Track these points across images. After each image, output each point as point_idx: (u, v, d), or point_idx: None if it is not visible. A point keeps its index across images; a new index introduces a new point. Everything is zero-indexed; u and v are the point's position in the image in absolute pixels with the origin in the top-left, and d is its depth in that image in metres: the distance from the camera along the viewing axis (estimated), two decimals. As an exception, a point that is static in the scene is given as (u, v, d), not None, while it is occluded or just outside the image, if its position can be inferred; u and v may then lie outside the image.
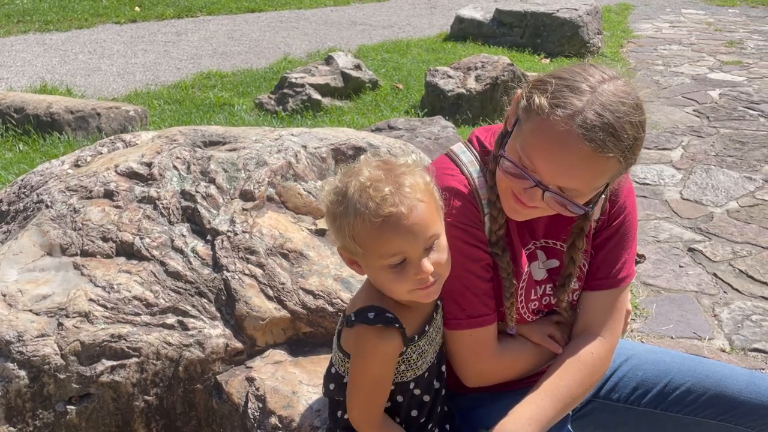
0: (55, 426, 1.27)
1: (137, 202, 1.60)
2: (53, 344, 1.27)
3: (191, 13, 8.21)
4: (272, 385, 1.37)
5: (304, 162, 1.87)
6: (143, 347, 1.33)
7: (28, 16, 7.47)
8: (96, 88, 5.29)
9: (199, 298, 1.45)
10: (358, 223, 0.98)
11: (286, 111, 4.66)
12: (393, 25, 8.19)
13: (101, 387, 1.29)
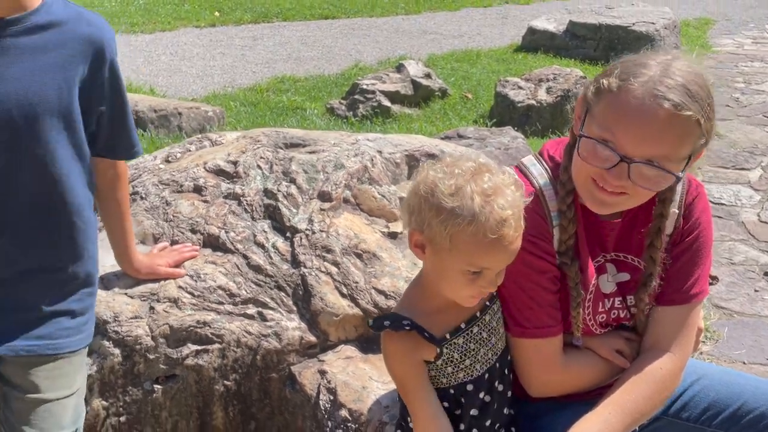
0: (142, 403, 1.36)
1: (223, 198, 1.69)
2: (145, 326, 1.37)
3: (267, 19, 8.47)
4: (343, 379, 1.42)
5: (380, 166, 1.93)
6: (225, 335, 1.41)
7: (116, 18, 7.90)
8: (177, 89, 5.55)
9: (278, 291, 1.53)
10: (468, 228, 1.00)
11: (356, 117, 4.76)
12: (463, 34, 8.21)
13: (186, 369, 1.38)
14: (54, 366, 1.19)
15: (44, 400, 1.17)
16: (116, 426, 1.35)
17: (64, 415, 1.19)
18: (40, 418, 1.16)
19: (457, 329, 1.11)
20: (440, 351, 1.09)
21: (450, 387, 1.11)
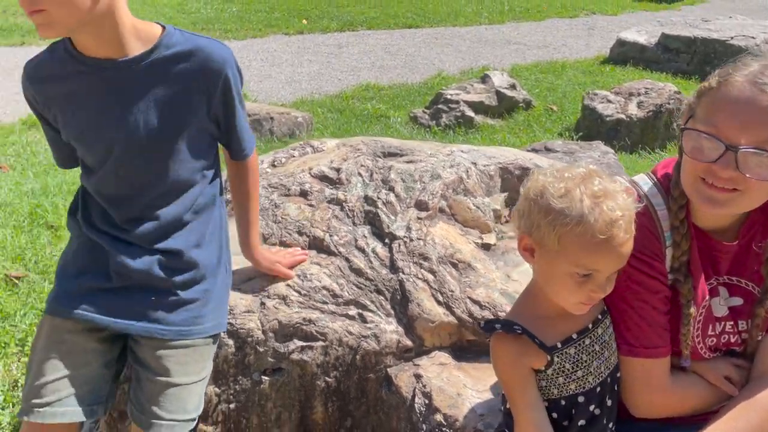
0: (250, 392, 1.45)
1: (327, 203, 1.77)
2: (256, 320, 1.46)
3: (353, 27, 8.66)
4: (438, 385, 1.47)
5: (474, 178, 1.96)
6: (329, 333, 1.48)
7: (210, 25, 8.30)
8: (267, 94, 5.77)
9: (377, 295, 1.59)
10: (577, 229, 1.02)
11: (440, 126, 4.80)
12: (548, 45, 8.10)
13: (291, 364, 1.46)
14: (184, 352, 1.29)
15: (173, 383, 1.27)
16: (226, 412, 1.45)
17: (189, 400, 1.29)
18: (168, 400, 1.27)
19: (568, 339, 1.13)
20: (551, 359, 1.11)
21: (561, 398, 1.13)
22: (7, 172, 3.78)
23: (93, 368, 1.28)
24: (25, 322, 2.34)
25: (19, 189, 3.45)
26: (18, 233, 2.98)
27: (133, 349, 1.31)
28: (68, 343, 1.26)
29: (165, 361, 1.26)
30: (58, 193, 3.39)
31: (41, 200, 3.29)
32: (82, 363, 1.27)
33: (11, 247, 2.84)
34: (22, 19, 8.05)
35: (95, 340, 1.29)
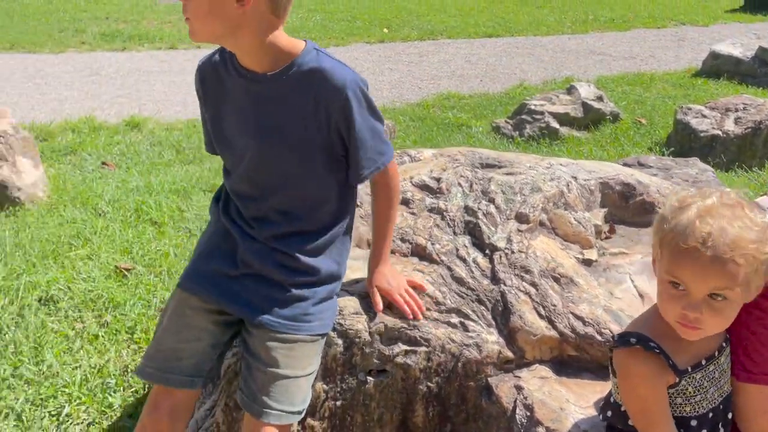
0: (356, 391, 1.51)
1: (428, 212, 1.82)
2: (364, 322, 1.51)
3: (433, 36, 8.72)
4: (540, 398, 1.47)
5: (575, 192, 1.96)
6: (432, 339, 1.52)
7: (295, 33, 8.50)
8: (350, 101, 5.90)
9: (478, 305, 1.61)
10: (670, 235, 1.07)
11: (523, 137, 4.77)
12: (635, 56, 7.88)
13: (395, 366, 1.51)
14: (293, 346, 1.37)
15: (281, 375, 1.35)
16: (332, 408, 1.51)
17: (297, 393, 1.36)
18: (277, 391, 1.34)
19: (698, 365, 1.13)
20: (678, 381, 1.11)
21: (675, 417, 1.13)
22: (114, 170, 4.04)
23: (202, 345, 1.39)
24: (134, 311, 2.50)
25: (126, 186, 3.69)
26: (125, 228, 3.19)
27: (245, 340, 1.40)
28: (188, 317, 1.38)
29: (274, 353, 1.34)
30: (161, 192, 3.60)
31: (145, 198, 3.51)
32: (194, 338, 1.38)
33: (119, 241, 3.04)
34: (123, 25, 8.57)
35: (211, 321, 1.39)
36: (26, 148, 3.52)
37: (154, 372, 1.37)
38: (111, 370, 2.20)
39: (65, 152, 4.33)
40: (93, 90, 5.96)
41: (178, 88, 6.14)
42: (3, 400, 2.04)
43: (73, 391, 2.09)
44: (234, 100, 1.35)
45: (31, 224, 3.20)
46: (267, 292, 1.38)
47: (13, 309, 2.49)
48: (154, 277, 2.75)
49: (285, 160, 1.35)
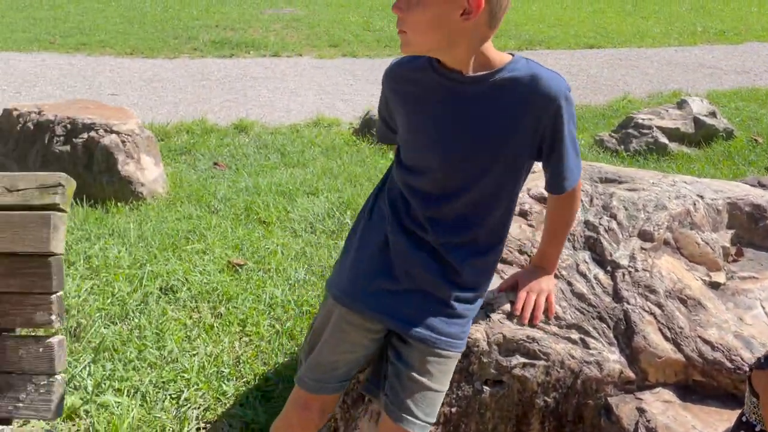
0: (471, 400, 1.51)
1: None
2: (482, 331, 1.52)
3: (531, 46, 8.59)
4: (664, 422, 1.42)
5: (702, 212, 1.88)
6: (551, 354, 1.50)
7: (394, 42, 8.67)
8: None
9: (599, 322, 1.58)
10: None
11: (628, 152, 4.61)
12: (748, 71, 7.44)
13: (512, 378, 1.50)
14: (447, 362, 1.39)
15: (433, 389, 1.38)
16: (447, 415, 1.52)
17: (435, 406, 1.39)
18: (425, 403, 1.37)
19: None
20: None
21: None
22: (224, 170, 4.26)
23: (355, 356, 1.43)
24: (246, 305, 2.63)
25: (236, 186, 3.88)
26: (236, 225, 3.35)
27: (398, 349, 1.41)
28: (346, 333, 1.42)
29: (429, 366, 1.36)
30: (268, 193, 3.76)
31: (254, 198, 3.67)
32: (349, 350, 1.42)
33: (231, 237, 3.20)
34: (231, 33, 9.01)
35: (368, 338, 1.43)
36: (149, 147, 3.78)
37: (313, 384, 1.44)
38: (225, 360, 2.32)
39: (180, 152, 4.61)
40: (204, 94, 6.31)
41: (281, 93, 6.39)
42: (129, 380, 2.19)
43: (191, 377, 2.21)
44: (433, 101, 1.32)
45: (152, 218, 3.43)
46: (430, 309, 1.38)
47: (137, 296, 2.67)
48: (263, 274, 2.88)
49: (479, 162, 1.33)
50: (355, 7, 11.68)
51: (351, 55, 8.07)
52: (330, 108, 5.90)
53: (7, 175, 1.34)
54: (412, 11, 1.20)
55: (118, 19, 9.95)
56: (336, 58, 7.93)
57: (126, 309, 2.58)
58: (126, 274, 2.83)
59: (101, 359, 2.29)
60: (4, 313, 1.32)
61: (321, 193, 3.80)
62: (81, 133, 3.61)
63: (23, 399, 1.31)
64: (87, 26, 9.35)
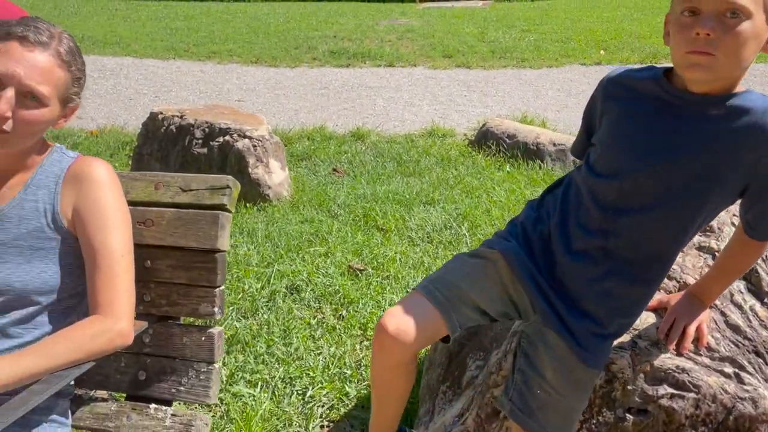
0: (612, 427, 1.46)
1: (697, 249, 1.71)
2: (628, 358, 1.47)
3: (655, 60, 8.19)
4: (832, 473, 1.31)
5: None
6: (702, 386, 1.43)
7: (508, 53, 8.59)
8: (565, 124, 5.77)
9: (755, 356, 1.48)
10: None
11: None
12: None
13: (658, 408, 1.44)
14: (586, 379, 1.38)
15: (568, 404, 1.37)
16: (585, 439, 1.49)
17: (572, 425, 1.38)
18: (558, 417, 1.36)
19: None
20: None
21: None
22: (343, 176, 4.39)
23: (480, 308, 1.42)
24: (366, 309, 2.69)
25: (354, 193, 3.98)
26: (356, 231, 3.44)
27: (529, 355, 1.40)
28: (491, 281, 1.42)
29: (566, 379, 1.34)
30: (385, 200, 3.83)
31: (372, 205, 3.76)
32: (481, 299, 1.42)
33: (351, 242, 3.29)
34: (348, 43, 9.29)
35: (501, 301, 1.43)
36: (277, 152, 3.97)
37: (441, 299, 1.39)
38: (347, 362, 2.38)
39: (301, 157, 4.80)
40: (322, 102, 6.54)
41: (396, 103, 6.50)
42: (259, 373, 2.31)
43: (316, 376, 2.30)
44: (650, 110, 1.29)
45: (278, 219, 3.59)
46: (577, 315, 1.37)
47: (265, 293, 2.81)
48: (382, 280, 2.93)
49: (676, 181, 1.28)
50: (469, 18, 11.67)
51: (465, 66, 8.07)
52: (444, 118, 5.92)
53: (182, 175, 1.46)
54: (730, 34, 1.15)
55: (245, 30, 10.54)
56: (450, 69, 7.95)
57: (256, 305, 2.72)
58: (255, 271, 2.98)
59: (234, 351, 2.43)
60: (173, 303, 1.44)
61: (437, 203, 3.82)
62: (217, 137, 3.86)
63: (184, 383, 1.42)
64: (217, 36, 9.98)
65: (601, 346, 1.37)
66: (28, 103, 1.21)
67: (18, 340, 1.27)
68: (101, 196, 1.31)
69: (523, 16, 11.71)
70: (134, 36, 10.03)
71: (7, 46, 1.20)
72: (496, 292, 1.43)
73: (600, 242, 1.34)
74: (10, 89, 1.19)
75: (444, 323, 1.40)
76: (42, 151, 1.34)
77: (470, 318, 1.43)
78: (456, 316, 1.40)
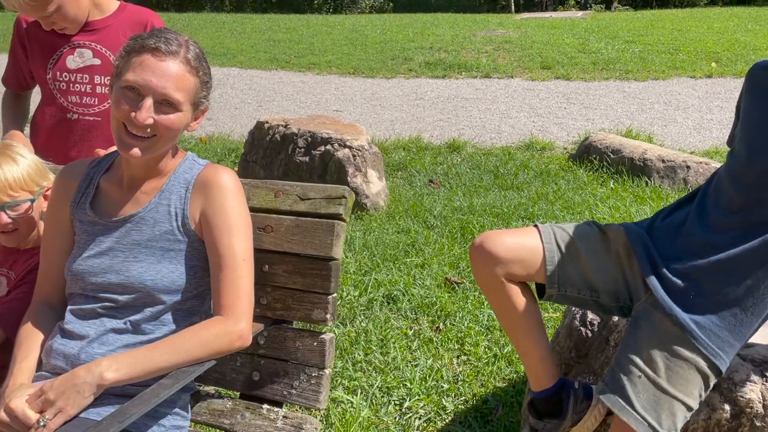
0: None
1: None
2: (758, 392, 1.37)
3: None
4: None
5: None
6: None
7: (611, 65, 8.29)
8: (673, 139, 5.49)
9: None
10: None
11: None
12: None
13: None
14: (682, 364, 1.30)
15: (656, 382, 1.30)
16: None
17: (665, 412, 1.29)
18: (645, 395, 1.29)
19: None
20: None
21: None
22: (439, 188, 4.39)
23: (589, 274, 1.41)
24: (463, 323, 2.66)
25: (450, 205, 3.97)
26: (452, 243, 3.42)
27: (629, 335, 1.36)
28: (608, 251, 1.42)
29: (659, 358, 1.30)
30: (482, 213, 3.79)
31: (469, 217, 3.73)
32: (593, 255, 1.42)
33: (447, 255, 3.28)
34: (444, 55, 9.31)
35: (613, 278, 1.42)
36: (375, 162, 4.03)
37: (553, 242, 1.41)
38: (444, 375, 2.37)
39: (397, 167, 4.85)
40: (418, 113, 6.58)
41: (492, 115, 6.43)
42: (357, 381, 2.34)
43: (413, 387, 2.30)
44: None
45: (375, 229, 3.64)
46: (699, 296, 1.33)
47: (363, 301, 2.85)
48: (480, 295, 2.90)
49: None
50: (569, 28, 11.38)
51: (564, 77, 7.87)
52: (543, 131, 5.80)
53: (300, 184, 1.51)
54: None
55: (343, 42, 10.81)
56: (549, 81, 7.78)
57: (354, 312, 2.76)
58: (353, 279, 3.03)
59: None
60: (287, 307, 1.48)
61: (537, 218, 3.73)
62: (319, 146, 3.97)
63: (296, 387, 1.46)
64: (317, 47, 10.30)
65: (715, 330, 1.29)
66: (165, 109, 1.30)
67: (149, 336, 1.35)
68: (227, 203, 1.37)
69: (626, 27, 11.29)
70: (240, 47, 10.54)
71: (141, 58, 1.29)
72: (609, 266, 1.41)
73: (739, 221, 1.31)
74: (148, 98, 1.28)
75: (543, 266, 1.40)
76: (175, 157, 1.43)
77: (572, 281, 1.41)
78: (559, 271, 1.39)
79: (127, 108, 1.27)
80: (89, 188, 1.42)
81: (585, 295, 1.43)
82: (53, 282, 1.43)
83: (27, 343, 1.34)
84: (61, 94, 1.98)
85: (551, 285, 1.41)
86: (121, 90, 1.29)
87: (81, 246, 1.37)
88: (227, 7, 22.37)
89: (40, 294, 1.43)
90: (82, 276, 1.35)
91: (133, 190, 1.39)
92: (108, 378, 1.19)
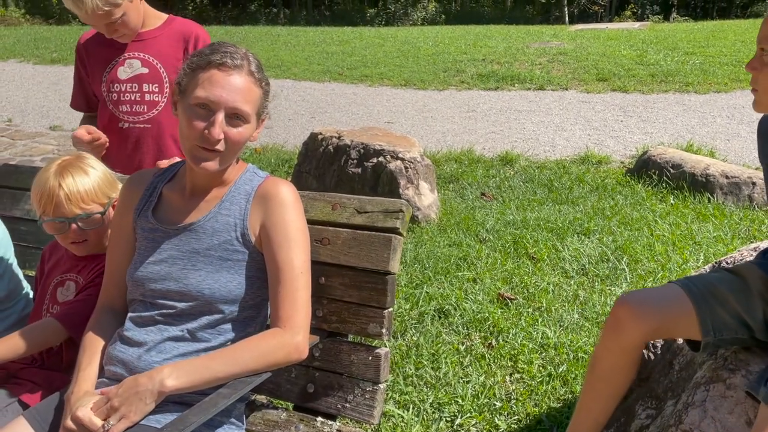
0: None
1: None
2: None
3: None
4: None
5: None
6: None
7: (670, 77, 8.05)
8: (737, 154, 5.27)
9: None
10: None
11: None
12: None
13: None
14: None
15: None
16: None
17: None
18: None
19: None
20: None
21: None
22: (491, 201, 4.34)
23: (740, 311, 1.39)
24: (516, 340, 2.61)
25: (503, 218, 3.91)
26: (505, 258, 3.37)
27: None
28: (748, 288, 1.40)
29: None
30: (536, 228, 3.72)
31: (522, 232, 3.66)
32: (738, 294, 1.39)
33: (500, 270, 3.23)
34: (497, 66, 9.24)
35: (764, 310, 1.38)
36: (427, 174, 4.01)
37: (697, 292, 1.38)
38: (497, 393, 2.32)
39: (449, 180, 4.82)
40: (470, 125, 6.54)
41: (546, 127, 6.33)
42: (408, 395, 2.31)
43: (465, 404, 2.26)
44: None
45: (426, 241, 3.62)
46: None
47: (414, 314, 2.83)
48: (533, 311, 2.83)
49: None
50: (626, 40, 11.13)
51: (621, 89, 7.68)
52: (598, 144, 5.67)
53: (358, 197, 1.51)
54: (765, 71, 1.19)
55: (395, 54, 10.87)
56: (605, 93, 7.61)
57: (405, 325, 2.74)
58: (404, 291, 3.02)
59: (383, 370, 2.46)
60: (343, 320, 1.48)
61: (593, 233, 3.64)
62: (371, 158, 3.98)
63: (350, 400, 1.45)
64: (369, 60, 10.39)
65: None
66: (234, 122, 1.32)
67: (206, 344, 1.37)
68: (286, 216, 1.38)
69: (685, 38, 10.96)
70: (294, 60, 10.73)
71: (208, 74, 1.31)
72: (755, 302, 1.37)
73: None
74: (220, 113, 1.30)
75: (696, 319, 1.36)
76: (237, 168, 1.45)
77: (727, 324, 1.37)
78: (711, 317, 1.35)
79: (201, 125, 1.30)
80: (152, 196, 1.46)
81: (742, 335, 1.39)
82: (117, 288, 1.46)
83: (90, 349, 1.38)
84: (113, 105, 2.05)
85: (707, 333, 1.37)
86: (191, 108, 1.31)
87: (142, 253, 1.41)
88: (282, 21, 22.88)
89: (105, 299, 1.48)
90: (142, 282, 1.38)
91: (195, 199, 1.42)
92: (169, 385, 1.21)
